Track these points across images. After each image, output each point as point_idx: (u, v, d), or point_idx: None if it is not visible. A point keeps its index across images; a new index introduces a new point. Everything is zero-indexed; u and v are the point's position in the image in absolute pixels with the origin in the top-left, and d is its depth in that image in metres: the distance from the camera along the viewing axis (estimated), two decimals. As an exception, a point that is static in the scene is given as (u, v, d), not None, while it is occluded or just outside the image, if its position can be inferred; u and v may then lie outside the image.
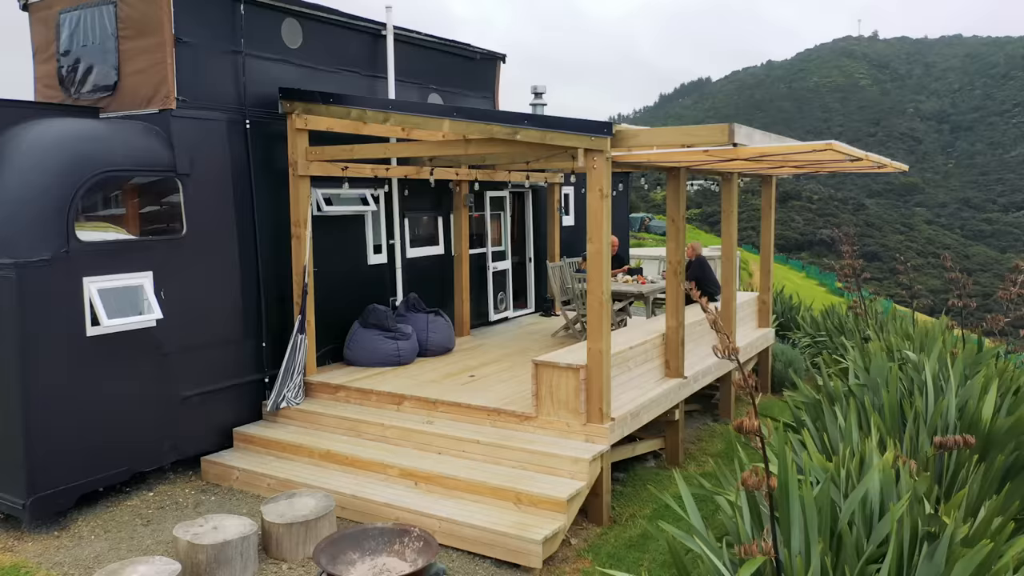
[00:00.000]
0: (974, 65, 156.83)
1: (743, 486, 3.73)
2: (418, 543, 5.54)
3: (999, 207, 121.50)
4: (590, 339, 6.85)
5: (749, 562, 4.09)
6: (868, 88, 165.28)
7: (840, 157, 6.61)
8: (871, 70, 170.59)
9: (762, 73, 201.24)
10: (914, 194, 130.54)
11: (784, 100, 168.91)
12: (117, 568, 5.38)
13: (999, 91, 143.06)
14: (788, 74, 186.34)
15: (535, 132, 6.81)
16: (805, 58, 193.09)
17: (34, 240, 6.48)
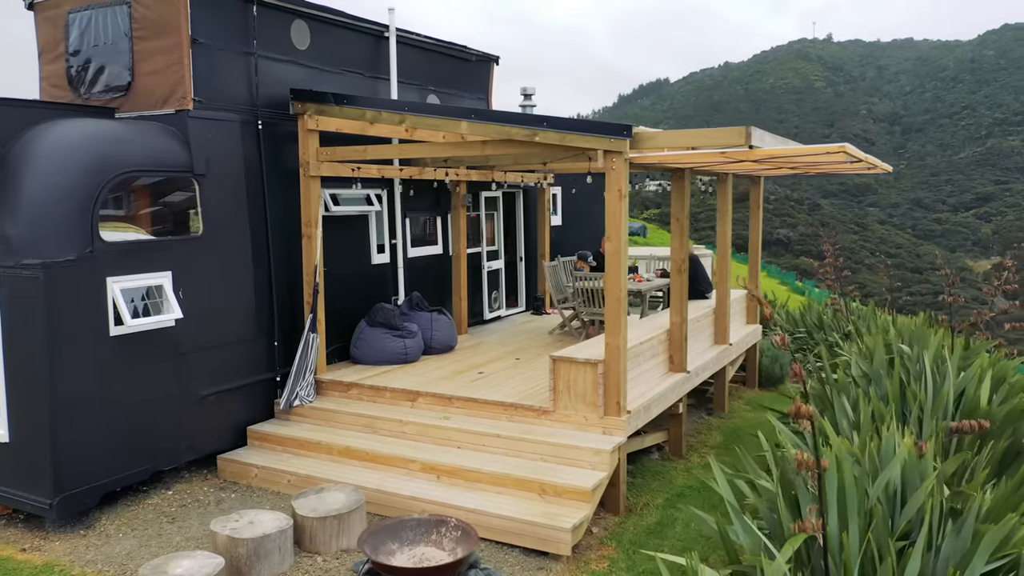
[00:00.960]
0: (925, 68, 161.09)
1: (799, 468, 3.98)
2: (455, 532, 5.71)
3: (948, 207, 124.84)
4: (608, 334, 7.08)
5: (792, 538, 4.36)
6: (823, 90, 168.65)
7: (844, 159, 6.93)
8: (826, 72, 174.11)
9: (719, 74, 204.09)
10: (867, 194, 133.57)
11: (741, 101, 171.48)
12: (160, 563, 5.47)
13: (948, 94, 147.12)
14: (745, 75, 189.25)
15: (554, 134, 7.01)
16: (761, 60, 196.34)
17: (60, 240, 6.51)
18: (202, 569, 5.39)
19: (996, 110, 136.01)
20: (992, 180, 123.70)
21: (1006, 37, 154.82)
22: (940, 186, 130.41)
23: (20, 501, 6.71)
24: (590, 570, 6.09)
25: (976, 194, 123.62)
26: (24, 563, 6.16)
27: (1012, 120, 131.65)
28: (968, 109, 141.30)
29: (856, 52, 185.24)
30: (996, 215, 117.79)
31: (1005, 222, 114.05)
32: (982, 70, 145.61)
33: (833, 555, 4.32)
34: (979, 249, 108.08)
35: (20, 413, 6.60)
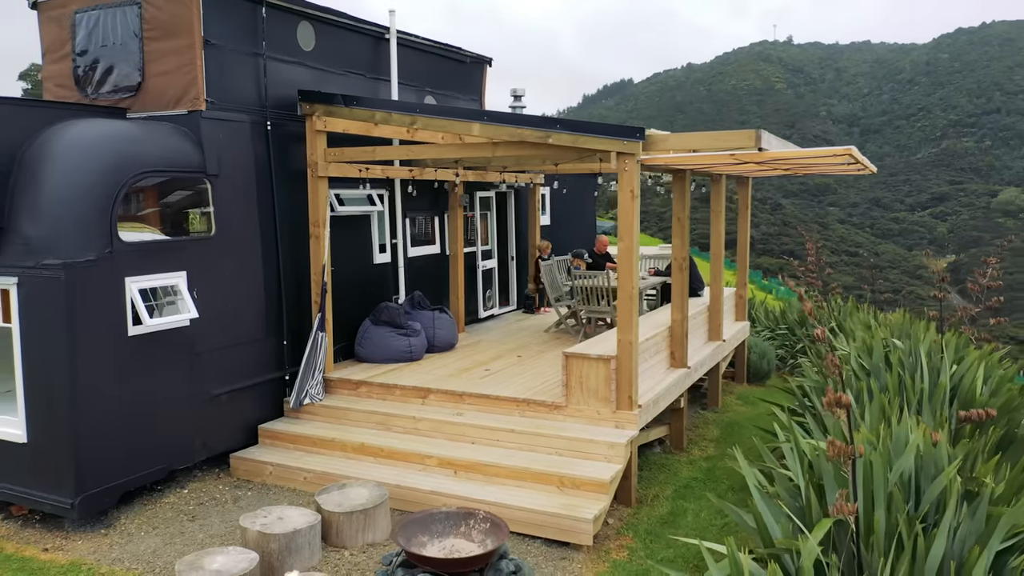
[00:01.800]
0: (882, 70, 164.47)
1: (834, 455, 4.21)
2: (484, 524, 5.86)
3: (906, 207, 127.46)
4: (620, 331, 7.28)
5: (822, 521, 4.60)
6: (783, 92, 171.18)
7: (848, 161, 7.21)
8: (786, 74, 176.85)
9: (682, 76, 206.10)
10: (827, 194, 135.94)
11: (704, 102, 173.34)
12: (194, 559, 5.54)
13: (905, 96, 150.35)
14: (707, 77, 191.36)
15: (567, 136, 7.19)
16: (723, 61, 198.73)
17: (81, 240, 6.52)
18: (238, 564, 5.48)
19: (950, 112, 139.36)
20: (947, 180, 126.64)
21: (960, 41, 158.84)
22: (898, 186, 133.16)
23: (39, 501, 6.71)
24: (611, 559, 6.29)
25: (932, 194, 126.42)
26: (49, 563, 6.17)
27: (966, 122, 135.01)
28: (924, 111, 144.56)
29: (816, 54, 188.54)
30: (951, 214, 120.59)
31: (960, 221, 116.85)
32: (937, 73, 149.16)
33: (863, 537, 4.56)
34: (935, 248, 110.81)
35: (39, 414, 6.60)
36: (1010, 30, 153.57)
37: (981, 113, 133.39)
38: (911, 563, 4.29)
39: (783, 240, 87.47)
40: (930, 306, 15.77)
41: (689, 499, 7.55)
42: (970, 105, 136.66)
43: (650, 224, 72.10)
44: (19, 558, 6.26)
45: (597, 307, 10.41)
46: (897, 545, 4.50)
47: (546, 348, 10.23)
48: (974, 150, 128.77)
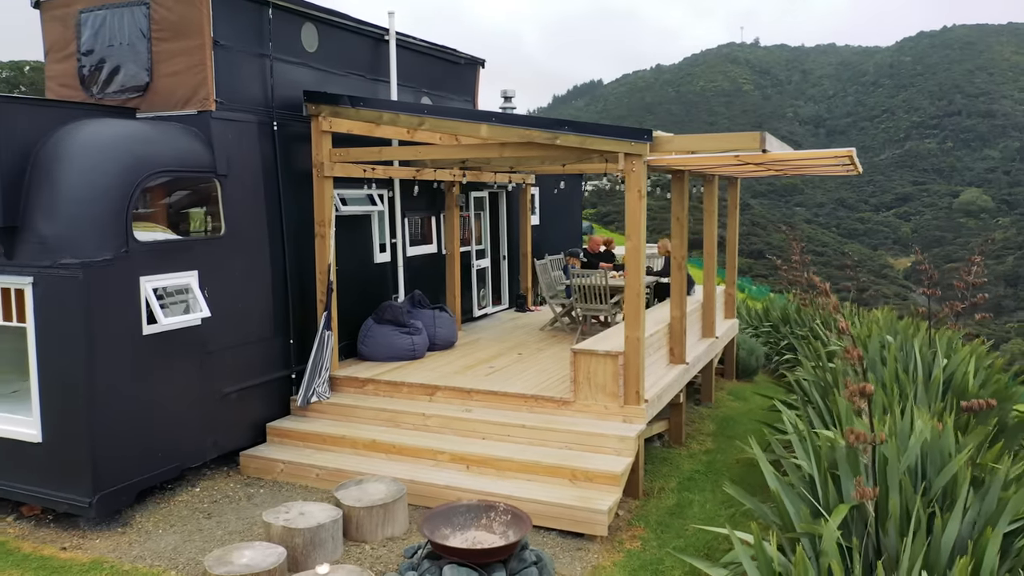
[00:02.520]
0: (847, 73, 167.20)
1: (855, 441, 4.42)
2: (505, 516, 6.01)
3: (870, 207, 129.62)
4: (628, 327, 7.47)
5: (840, 507, 4.81)
6: (751, 93, 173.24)
7: (847, 163, 7.47)
8: (753, 76, 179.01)
9: (651, 77, 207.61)
10: (794, 195, 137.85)
11: (673, 103, 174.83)
12: (222, 554, 5.62)
13: (869, 98, 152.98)
14: (676, 78, 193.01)
15: (575, 137, 7.36)
16: (692, 63, 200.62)
17: (98, 240, 6.55)
18: (266, 559, 5.57)
19: (913, 113, 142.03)
20: (910, 181, 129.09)
21: (922, 44, 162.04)
22: (862, 186, 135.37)
23: (55, 500, 6.72)
24: (625, 549, 6.47)
25: (896, 194, 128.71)
26: (70, 561, 6.20)
27: (928, 123, 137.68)
28: (887, 112, 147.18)
29: (782, 56, 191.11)
30: (915, 214, 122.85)
31: (923, 221, 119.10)
32: (900, 75, 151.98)
33: (881, 520, 4.78)
34: (899, 247, 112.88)
35: (55, 413, 6.61)
36: (970, 34, 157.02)
37: (943, 115, 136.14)
38: (926, 544, 4.51)
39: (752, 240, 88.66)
40: (894, 304, 16.00)
41: (694, 491, 7.76)
42: (932, 107, 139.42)
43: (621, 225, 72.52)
44: (38, 557, 6.28)
45: (594, 305, 10.59)
46: (913, 527, 4.72)
47: (545, 346, 10.40)
48: (936, 151, 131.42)
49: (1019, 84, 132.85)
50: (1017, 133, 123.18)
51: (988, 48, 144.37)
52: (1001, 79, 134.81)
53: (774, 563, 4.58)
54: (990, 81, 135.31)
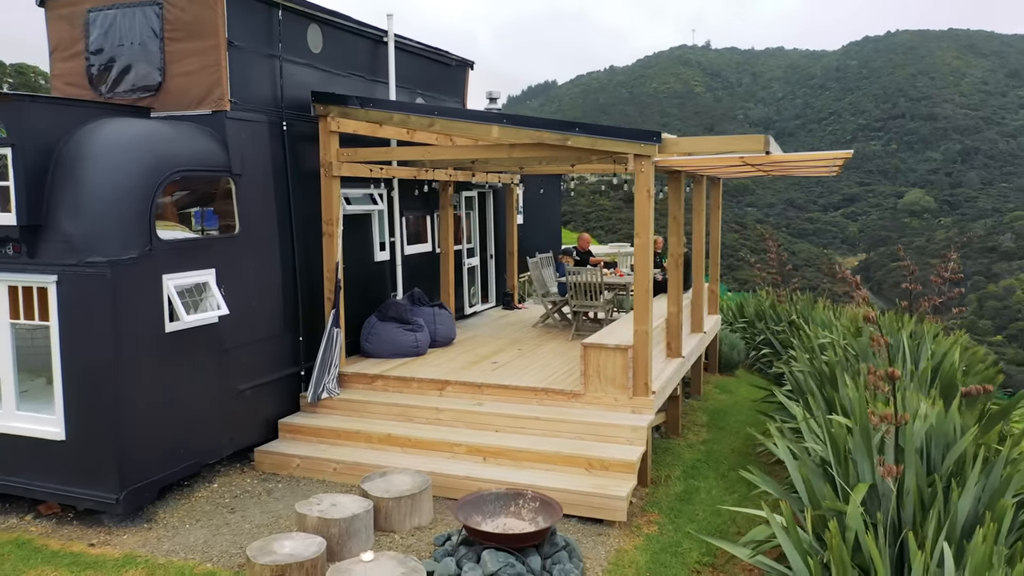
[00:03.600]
0: (795, 75, 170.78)
1: (880, 421, 4.76)
2: (534, 504, 6.25)
3: (819, 207, 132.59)
4: (636, 321, 7.76)
5: (860, 485, 5.16)
6: (702, 95, 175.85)
7: (829, 163, 7.87)
8: (705, 78, 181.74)
9: (605, 78, 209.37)
10: (745, 195, 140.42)
11: (626, 104, 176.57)
12: (263, 544, 5.75)
13: (816, 100, 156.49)
14: (629, 79, 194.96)
15: (585, 139, 7.63)
16: (645, 64, 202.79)
17: (124, 238, 6.61)
18: (308, 548, 5.72)
19: (859, 116, 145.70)
20: (856, 182, 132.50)
21: (867, 48, 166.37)
22: (811, 187, 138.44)
23: (79, 498, 6.76)
24: (643, 533, 6.75)
25: (843, 195, 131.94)
26: (101, 556, 6.25)
27: (874, 126, 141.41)
28: (834, 115, 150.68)
29: (732, 59, 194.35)
30: (861, 215, 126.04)
31: (869, 221, 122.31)
32: (846, 79, 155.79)
33: (899, 496, 5.13)
34: (847, 247, 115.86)
35: (80, 411, 6.66)
36: (913, 39, 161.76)
37: (887, 118, 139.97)
38: (940, 517, 4.87)
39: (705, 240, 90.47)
40: (844, 301, 16.68)
41: (698, 479, 8.09)
42: (877, 110, 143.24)
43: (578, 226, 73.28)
44: (68, 553, 6.32)
45: (589, 301, 10.87)
46: (929, 501, 5.09)
47: (542, 341, 10.65)
48: (881, 153, 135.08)
49: (959, 88, 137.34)
50: (958, 136, 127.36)
51: (930, 53, 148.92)
52: (942, 83, 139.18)
53: (808, 537, 4.90)
54: (932, 85, 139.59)
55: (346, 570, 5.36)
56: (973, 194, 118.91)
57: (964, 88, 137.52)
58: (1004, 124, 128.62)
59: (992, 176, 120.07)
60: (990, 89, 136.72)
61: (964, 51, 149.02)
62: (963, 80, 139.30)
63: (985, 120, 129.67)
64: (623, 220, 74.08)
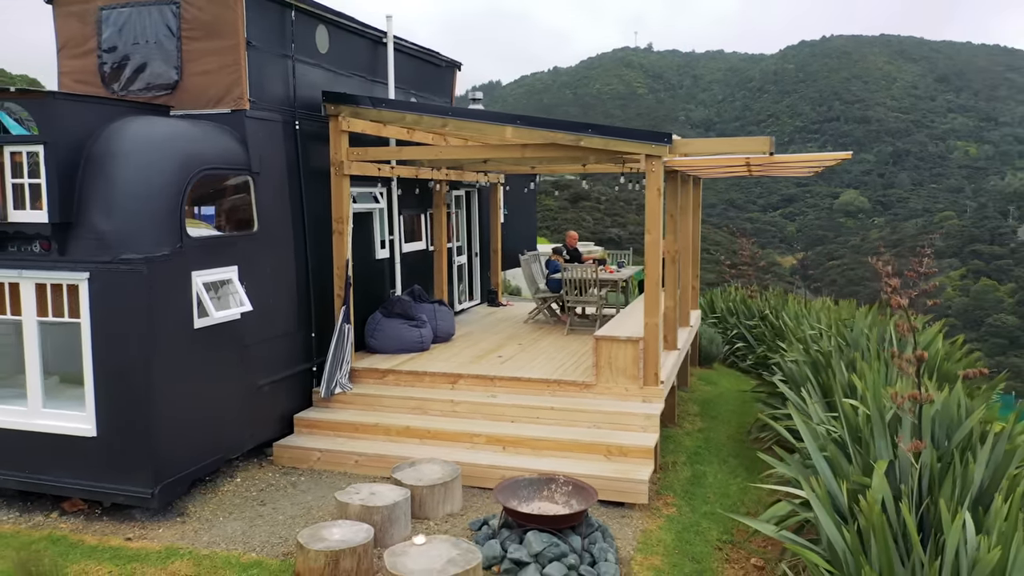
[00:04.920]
0: (735, 78, 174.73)
1: (906, 400, 5.19)
2: (566, 488, 6.54)
3: (759, 207, 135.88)
4: (647, 314, 8.12)
5: (880, 462, 5.58)
6: (645, 97, 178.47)
7: (818, 164, 8.36)
8: (647, 80, 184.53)
9: (548, 78, 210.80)
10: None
11: (570, 105, 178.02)
12: (313, 531, 5.92)
13: (755, 103, 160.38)
14: (573, 80, 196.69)
15: (598, 139, 7.95)
16: (588, 66, 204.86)
17: (156, 235, 6.69)
18: (357, 534, 5.91)
19: (796, 119, 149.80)
20: (794, 183, 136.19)
21: (803, 53, 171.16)
22: (750, 188, 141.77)
23: (111, 493, 6.80)
24: (663, 515, 7.11)
25: (781, 196, 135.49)
26: (142, 550, 6.32)
27: (810, 128, 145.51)
28: (772, 117, 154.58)
29: (674, 62, 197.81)
30: (799, 215, 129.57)
31: (807, 221, 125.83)
32: (784, 82, 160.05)
33: (915, 470, 5.58)
34: (785, 246, 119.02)
35: (112, 407, 6.70)
36: (847, 44, 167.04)
37: (823, 120, 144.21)
38: (960, 486, 5.32)
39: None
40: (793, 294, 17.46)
41: (703, 464, 8.49)
42: (813, 113, 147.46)
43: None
44: (107, 548, 6.37)
45: (584, 297, 11.21)
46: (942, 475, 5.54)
47: (538, 336, 10.95)
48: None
49: (891, 92, 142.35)
50: (890, 138, 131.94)
51: (863, 58, 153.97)
52: (875, 87, 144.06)
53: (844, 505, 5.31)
54: (865, 89, 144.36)
55: (402, 552, 5.57)
56: (904, 195, 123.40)
57: (895, 92, 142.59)
58: (933, 127, 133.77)
59: (922, 177, 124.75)
60: (920, 93, 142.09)
61: (895, 56, 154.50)
62: (894, 84, 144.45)
63: (915, 123, 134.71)
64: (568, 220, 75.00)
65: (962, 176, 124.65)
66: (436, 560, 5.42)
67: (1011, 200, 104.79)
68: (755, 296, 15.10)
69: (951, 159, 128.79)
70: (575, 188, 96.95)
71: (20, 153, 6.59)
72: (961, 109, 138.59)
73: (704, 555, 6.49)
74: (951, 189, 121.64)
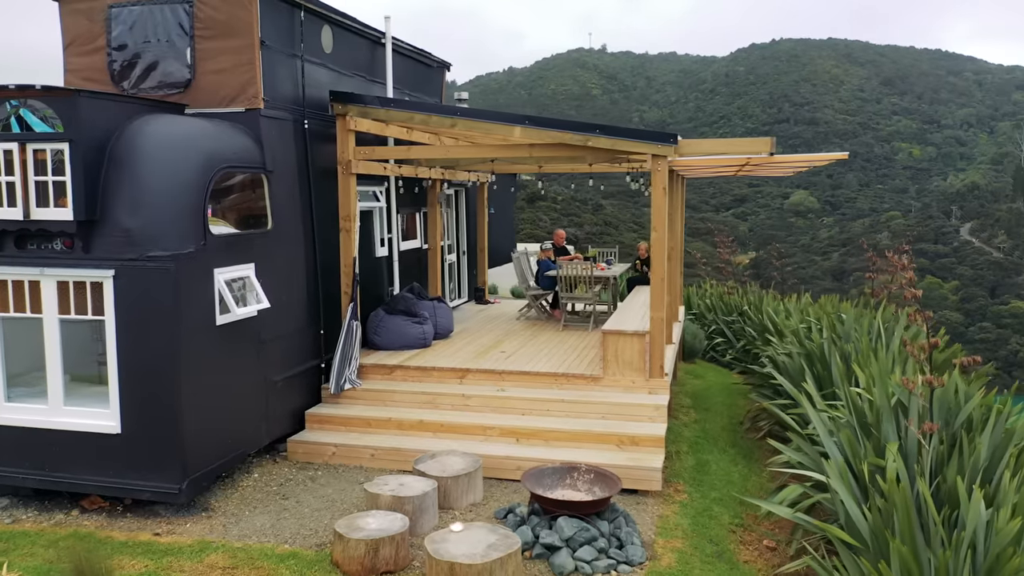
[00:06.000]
0: (687, 80, 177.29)
1: (911, 387, 5.54)
2: (588, 476, 6.79)
3: (711, 207, 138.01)
4: (653, 308, 8.41)
5: (891, 443, 5.94)
6: (599, 97, 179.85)
7: (807, 164, 8.74)
8: (601, 81, 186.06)
9: (504, 79, 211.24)
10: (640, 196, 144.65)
11: (525, 106, 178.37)
12: (350, 521, 6.07)
13: (708, 104, 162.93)
14: (528, 80, 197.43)
15: (606, 140, 8.21)
16: (543, 66, 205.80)
17: (182, 233, 6.74)
18: (394, 523, 6.06)
19: (747, 120, 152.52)
20: (746, 183, 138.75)
21: (754, 55, 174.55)
22: (703, 188, 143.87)
23: (136, 489, 6.84)
24: (676, 501, 7.39)
25: (734, 196, 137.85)
26: (174, 544, 6.38)
27: (761, 130, 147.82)
28: (724, 119, 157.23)
29: (628, 63, 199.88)
30: (751, 214, 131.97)
31: (759, 220, 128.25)
32: (735, 84, 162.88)
33: (926, 451, 5.95)
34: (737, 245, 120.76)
35: (138, 403, 6.74)
36: (796, 47, 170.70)
37: (773, 122, 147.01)
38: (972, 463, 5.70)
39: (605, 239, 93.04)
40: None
41: (704, 453, 8.81)
42: (763, 115, 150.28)
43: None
44: (137, 543, 6.41)
45: (578, 294, 11.47)
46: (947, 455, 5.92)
47: (534, 332, 11.18)
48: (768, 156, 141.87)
49: (839, 95, 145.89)
50: (838, 140, 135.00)
51: (811, 61, 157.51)
52: (823, 90, 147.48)
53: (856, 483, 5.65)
54: (813, 91, 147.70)
55: (442, 539, 5.74)
56: (852, 195, 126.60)
57: (843, 95, 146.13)
58: (879, 129, 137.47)
59: (869, 178, 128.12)
60: (866, 96, 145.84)
61: (842, 60, 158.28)
62: (842, 87, 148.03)
63: (862, 125, 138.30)
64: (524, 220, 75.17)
65: (907, 177, 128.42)
66: (477, 545, 5.61)
67: (953, 200, 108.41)
68: (732, 293, 15.54)
69: (896, 160, 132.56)
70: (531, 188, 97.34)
71: (44, 151, 6.59)
72: (905, 112, 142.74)
73: (720, 538, 6.79)
74: (896, 190, 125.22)
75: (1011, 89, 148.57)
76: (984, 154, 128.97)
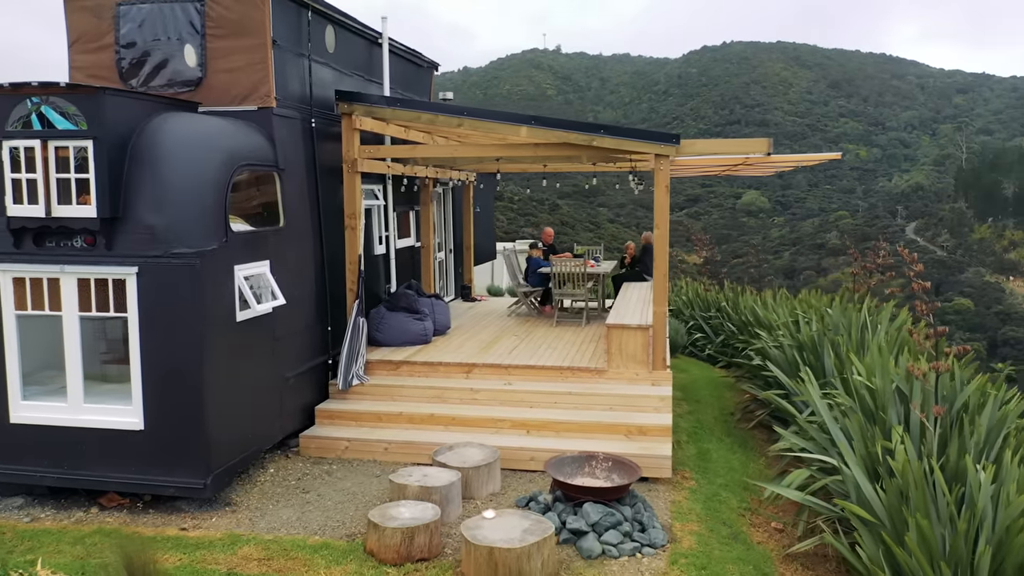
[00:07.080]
0: (641, 81, 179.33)
1: (919, 374, 5.90)
2: (606, 464, 7.03)
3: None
4: (656, 303, 8.69)
5: (896, 426, 6.29)
6: (554, 98, 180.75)
7: (815, 161, 9.12)
8: (556, 81, 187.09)
9: (459, 78, 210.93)
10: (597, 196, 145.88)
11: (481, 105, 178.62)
12: (383, 511, 6.21)
13: (662, 105, 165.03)
14: (483, 80, 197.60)
15: (610, 140, 8.46)
16: (498, 66, 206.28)
17: (205, 230, 6.81)
18: (425, 512, 6.22)
19: (700, 121, 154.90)
20: (699, 183, 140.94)
21: (705, 57, 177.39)
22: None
23: (160, 485, 6.87)
24: (685, 487, 7.68)
25: (687, 196, 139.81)
26: (204, 538, 6.44)
27: (713, 131, 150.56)
28: (677, 120, 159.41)
29: (582, 64, 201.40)
30: (704, 214, 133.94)
31: (712, 220, 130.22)
32: (688, 85, 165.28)
33: (930, 433, 6.31)
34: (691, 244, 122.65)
35: (161, 400, 6.78)
36: (746, 50, 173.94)
37: (725, 124, 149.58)
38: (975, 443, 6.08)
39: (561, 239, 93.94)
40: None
41: (704, 442, 9.13)
42: (716, 116, 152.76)
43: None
44: (167, 538, 6.46)
45: (573, 290, 11.71)
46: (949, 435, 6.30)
47: (529, 328, 11.39)
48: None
49: (788, 97, 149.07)
50: (788, 141, 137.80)
51: (761, 64, 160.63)
52: (773, 92, 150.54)
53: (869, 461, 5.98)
54: (764, 94, 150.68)
55: (476, 526, 5.92)
56: (802, 195, 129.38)
57: (792, 97, 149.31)
58: (827, 131, 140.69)
59: (818, 179, 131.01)
60: (814, 99, 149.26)
61: (791, 63, 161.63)
62: (791, 89, 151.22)
63: (810, 127, 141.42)
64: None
65: (854, 178, 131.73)
66: (512, 530, 5.81)
67: (899, 200, 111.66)
68: (710, 290, 15.96)
69: (843, 161, 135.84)
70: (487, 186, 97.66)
71: (66, 148, 6.60)
72: (852, 114, 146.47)
73: (732, 520, 7.09)
74: (844, 190, 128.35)
75: (952, 92, 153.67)
76: (927, 156, 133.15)
